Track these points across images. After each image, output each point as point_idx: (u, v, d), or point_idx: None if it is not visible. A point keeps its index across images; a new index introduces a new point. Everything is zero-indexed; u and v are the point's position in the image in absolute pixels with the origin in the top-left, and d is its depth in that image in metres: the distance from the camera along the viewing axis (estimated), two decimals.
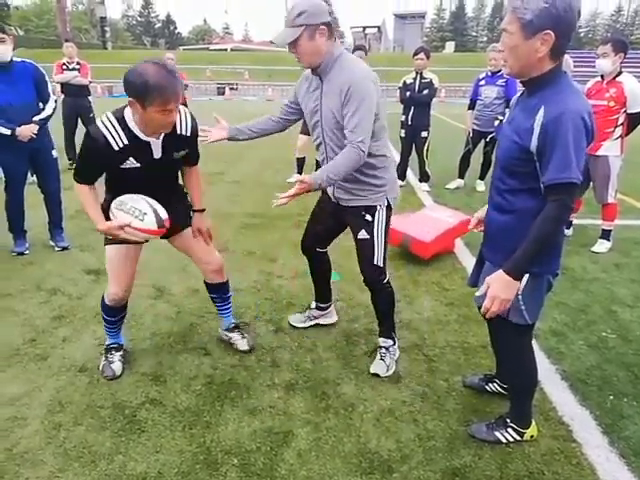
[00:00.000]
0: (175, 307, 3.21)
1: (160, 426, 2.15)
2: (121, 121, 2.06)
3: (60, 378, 2.47)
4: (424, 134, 6.38)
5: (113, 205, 2.16)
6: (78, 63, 7.20)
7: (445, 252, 4.17)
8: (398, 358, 2.65)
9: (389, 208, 2.42)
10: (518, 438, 2.07)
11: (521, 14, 1.56)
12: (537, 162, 1.64)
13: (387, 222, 2.42)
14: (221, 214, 5.31)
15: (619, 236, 4.53)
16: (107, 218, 2.19)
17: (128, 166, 2.10)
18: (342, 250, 3.43)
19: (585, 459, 2.01)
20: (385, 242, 2.43)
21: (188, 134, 2.25)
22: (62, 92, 7.23)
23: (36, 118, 3.81)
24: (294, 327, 2.98)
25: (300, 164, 6.82)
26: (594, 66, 4.23)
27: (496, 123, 6.06)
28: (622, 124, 4.19)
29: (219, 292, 2.72)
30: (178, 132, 2.19)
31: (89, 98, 7.48)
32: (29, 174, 4.09)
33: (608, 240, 4.41)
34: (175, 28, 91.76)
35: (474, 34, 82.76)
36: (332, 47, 2.16)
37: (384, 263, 2.44)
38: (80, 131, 7.51)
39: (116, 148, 2.05)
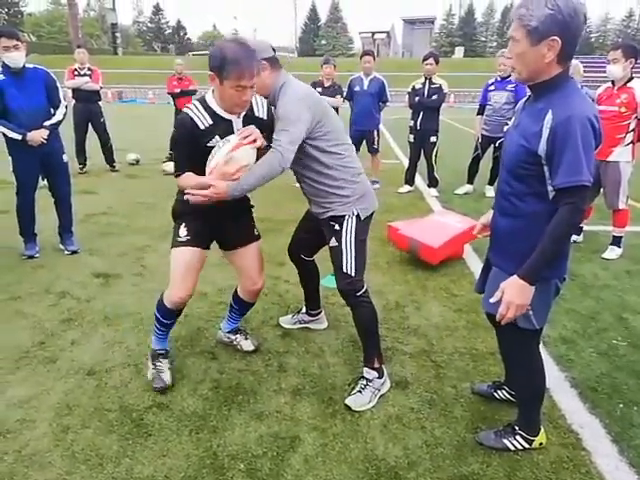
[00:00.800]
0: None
1: (167, 430, 2.16)
2: (203, 103, 2.18)
3: (68, 381, 2.48)
4: (433, 139, 6.38)
5: (207, 163, 2.13)
6: (89, 69, 7.31)
7: (454, 258, 4.15)
8: (384, 394, 2.41)
9: (359, 219, 2.37)
10: (527, 446, 2.05)
11: (527, 21, 1.57)
12: (545, 166, 1.64)
13: (357, 232, 2.35)
14: None
15: (630, 242, 4.48)
16: (177, 217, 2.39)
17: (213, 144, 2.14)
18: None
19: (594, 467, 1.99)
20: (356, 252, 2.34)
21: (265, 117, 2.30)
22: (73, 97, 7.34)
23: (47, 123, 3.86)
24: (293, 330, 3.01)
25: None
26: (605, 71, 4.21)
27: (505, 128, 6.03)
28: (633, 130, 4.15)
29: (246, 310, 2.77)
30: (255, 114, 2.27)
31: (99, 103, 7.59)
32: (40, 178, 4.13)
33: (619, 247, 4.37)
34: (185, 34, 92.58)
35: (483, 39, 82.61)
36: (277, 78, 2.28)
37: (356, 274, 2.34)
38: (91, 137, 7.65)
39: (202, 127, 2.14)
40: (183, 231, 2.35)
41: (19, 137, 3.73)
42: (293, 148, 2.16)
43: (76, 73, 7.24)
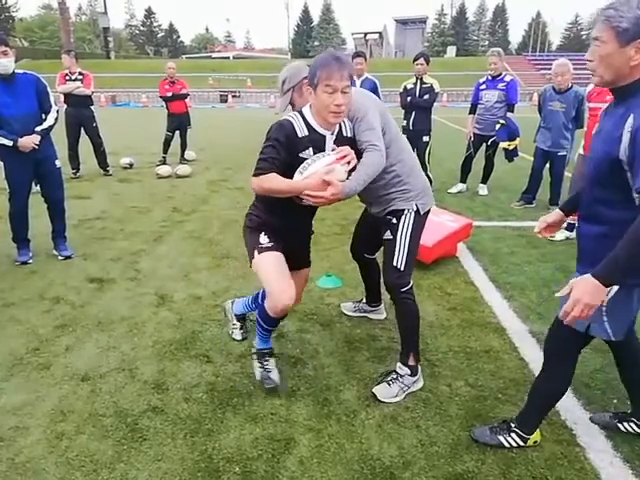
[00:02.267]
0: (177, 315, 3.22)
1: (162, 434, 2.15)
2: (300, 114, 2.21)
3: (63, 387, 2.47)
4: (425, 139, 6.39)
5: (298, 171, 2.14)
6: (81, 73, 7.28)
7: (447, 256, 4.16)
8: (411, 392, 2.42)
9: (418, 214, 2.43)
10: (521, 443, 2.06)
11: (616, 22, 1.54)
12: (628, 172, 1.59)
13: (414, 228, 2.41)
14: (224, 221, 5.34)
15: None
16: (253, 229, 2.39)
17: (305, 156, 2.16)
18: (346, 256, 3.43)
19: (589, 463, 1.99)
20: (409, 247, 2.38)
21: (351, 135, 2.32)
22: (65, 102, 7.31)
23: (38, 129, 3.85)
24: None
25: None
26: None
27: (497, 127, 6.07)
28: None
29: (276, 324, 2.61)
30: (344, 134, 2.29)
31: (92, 108, 7.57)
32: (33, 184, 4.12)
33: None
34: (178, 37, 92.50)
35: (475, 38, 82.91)
36: None
37: (406, 268, 2.38)
38: (84, 141, 7.63)
39: (300, 135, 2.16)
40: (264, 238, 2.32)
41: (10, 143, 3.72)
42: (382, 140, 2.25)
43: (67, 78, 7.21)
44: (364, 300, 3.18)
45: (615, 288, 1.66)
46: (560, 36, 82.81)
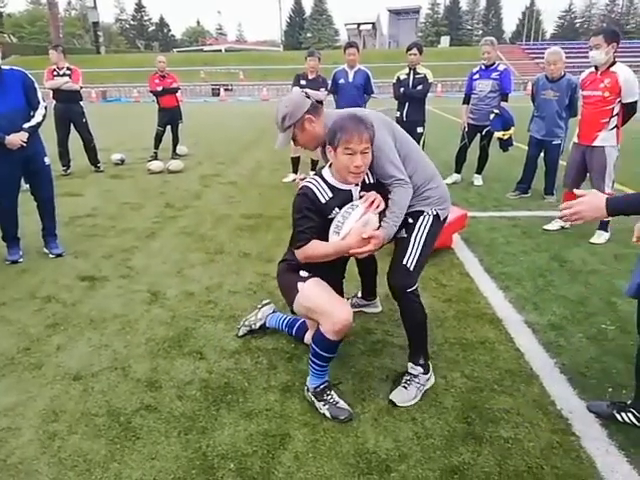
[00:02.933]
0: (170, 312, 3.19)
1: (155, 432, 2.13)
2: (321, 177, 2.26)
3: (54, 387, 2.44)
4: (420, 129, 6.34)
5: (332, 231, 2.19)
6: (69, 68, 7.19)
7: (442, 248, 4.15)
8: (429, 389, 2.39)
9: (437, 218, 2.40)
10: (637, 423, 2.09)
11: None
12: None
13: (430, 231, 2.36)
14: (217, 216, 5.30)
15: (617, 227, 4.49)
16: (292, 270, 2.36)
17: (334, 216, 2.21)
18: None
19: (584, 452, 1.99)
20: (422, 249, 2.33)
21: (374, 182, 2.35)
22: (54, 98, 7.22)
23: (26, 126, 3.79)
24: None
25: (295, 163, 6.79)
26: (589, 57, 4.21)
27: (491, 117, 6.03)
28: (617, 114, 4.16)
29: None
30: (367, 182, 2.32)
31: (81, 103, 7.48)
32: (22, 182, 4.06)
33: (606, 231, 4.39)
34: (169, 30, 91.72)
35: (469, 28, 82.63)
36: (324, 121, 2.31)
37: (414, 269, 2.31)
38: (74, 137, 7.54)
39: (322, 200, 2.21)
40: (304, 272, 2.34)
41: None
42: (403, 170, 2.29)
43: (55, 73, 7.11)
44: (359, 294, 3.16)
45: None
46: (554, 24, 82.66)
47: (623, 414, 2.14)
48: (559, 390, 2.38)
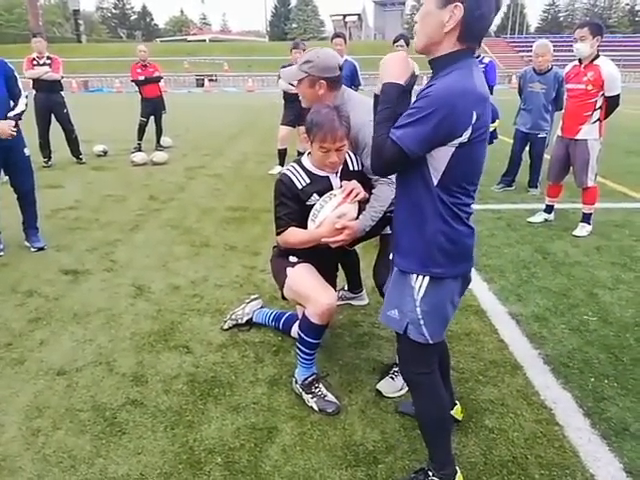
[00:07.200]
0: (155, 305, 3.16)
1: (141, 427, 2.11)
2: (299, 164, 2.28)
3: (38, 382, 2.40)
4: None
5: (310, 218, 2.18)
6: (49, 58, 7.02)
7: None
8: None
9: None
10: None
11: None
12: None
13: None
14: (202, 208, 5.25)
15: (600, 219, 4.57)
16: (282, 255, 2.37)
17: (312, 202, 2.20)
18: None
19: (567, 442, 2.03)
20: None
21: (359, 169, 2.35)
22: (34, 88, 7.05)
23: (11, 114, 3.70)
24: None
25: (282, 155, 6.75)
26: (573, 50, 4.24)
27: None
28: (600, 107, 4.20)
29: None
30: (351, 168, 2.32)
31: (62, 93, 7.32)
32: (2, 173, 3.96)
33: (589, 224, 4.45)
34: (152, 20, 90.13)
35: None
36: (331, 98, 2.31)
37: None
38: (55, 129, 7.38)
39: (299, 186, 2.23)
40: (293, 258, 2.34)
41: None
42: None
43: (35, 63, 6.94)
44: (346, 287, 3.17)
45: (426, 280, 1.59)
46: (538, 18, 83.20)
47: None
48: (543, 380, 2.41)
